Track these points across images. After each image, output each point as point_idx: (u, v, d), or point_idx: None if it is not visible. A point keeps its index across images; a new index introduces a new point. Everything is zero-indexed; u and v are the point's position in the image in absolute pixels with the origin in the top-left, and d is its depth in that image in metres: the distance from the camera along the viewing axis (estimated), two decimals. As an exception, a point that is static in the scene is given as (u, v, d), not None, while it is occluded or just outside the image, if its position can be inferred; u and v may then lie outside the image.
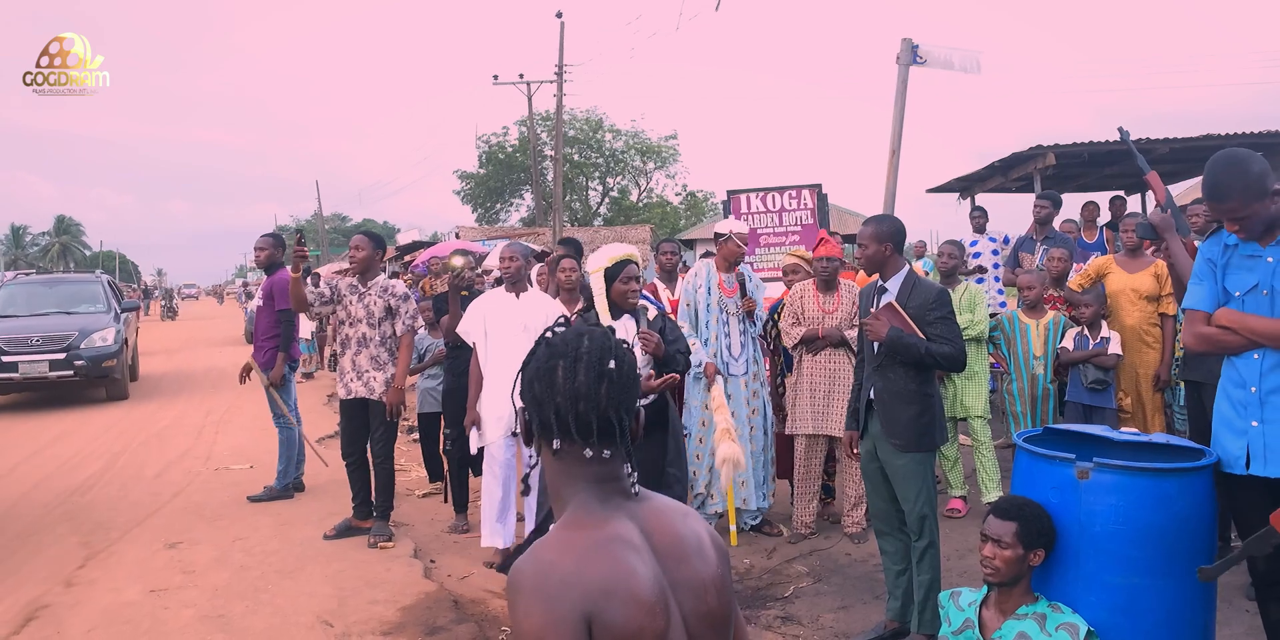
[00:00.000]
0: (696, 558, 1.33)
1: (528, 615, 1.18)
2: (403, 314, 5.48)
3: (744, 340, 5.28)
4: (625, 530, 1.29)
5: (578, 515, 1.30)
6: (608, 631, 1.18)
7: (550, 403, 1.31)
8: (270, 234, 6.81)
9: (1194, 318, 2.95)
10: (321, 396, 11.56)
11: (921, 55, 9.60)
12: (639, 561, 1.25)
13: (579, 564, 1.21)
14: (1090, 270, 5.47)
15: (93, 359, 11.29)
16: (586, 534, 1.26)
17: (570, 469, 1.33)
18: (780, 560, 4.89)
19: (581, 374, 1.32)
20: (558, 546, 1.25)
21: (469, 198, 37.85)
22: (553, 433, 1.32)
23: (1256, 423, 2.80)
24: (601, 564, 1.22)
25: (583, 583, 1.19)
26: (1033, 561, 2.82)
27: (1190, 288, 3.01)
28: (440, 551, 5.26)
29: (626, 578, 1.22)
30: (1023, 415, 5.35)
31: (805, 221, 9.23)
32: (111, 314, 12.48)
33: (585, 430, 1.31)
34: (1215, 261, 2.93)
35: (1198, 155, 11.72)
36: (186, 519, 6.00)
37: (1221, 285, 2.91)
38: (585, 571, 1.20)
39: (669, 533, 1.34)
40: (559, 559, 1.22)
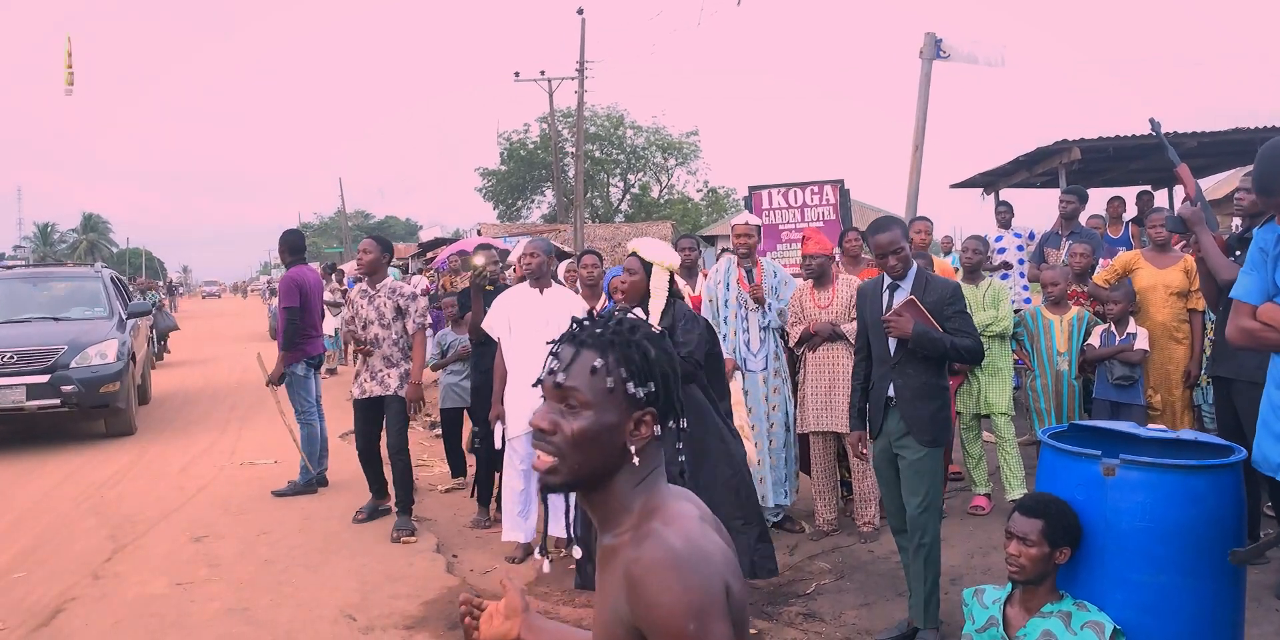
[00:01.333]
0: (719, 532, 1.39)
1: (686, 591, 1.20)
2: (413, 313, 5.60)
3: (763, 336, 5.26)
4: (700, 508, 1.36)
5: (658, 498, 1.34)
6: (734, 601, 1.25)
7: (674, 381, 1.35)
8: (290, 231, 6.86)
9: (1240, 310, 2.78)
10: (346, 391, 11.60)
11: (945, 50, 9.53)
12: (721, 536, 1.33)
13: (706, 539, 1.27)
14: (1117, 265, 5.40)
15: (87, 382, 8.35)
16: (686, 514, 1.31)
17: (653, 451, 1.37)
18: (802, 557, 4.87)
19: (671, 357, 1.37)
20: (678, 525, 1.27)
21: (490, 194, 37.96)
22: (678, 412, 1.36)
23: None
24: (715, 539, 1.29)
25: (715, 557, 1.25)
26: (1058, 559, 2.80)
27: (1240, 277, 2.85)
28: (463, 546, 5.28)
29: (729, 552, 1.29)
30: (1047, 412, 5.30)
31: (827, 217, 9.17)
32: (114, 321, 9.53)
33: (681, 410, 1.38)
34: (1268, 251, 2.75)
35: (1227, 149, 11.56)
36: (212, 513, 6.06)
37: (1272, 277, 2.74)
38: (712, 546, 1.27)
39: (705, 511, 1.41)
40: (689, 535, 1.26)
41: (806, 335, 5.08)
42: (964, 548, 4.76)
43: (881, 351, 3.84)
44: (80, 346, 8.63)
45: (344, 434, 8.28)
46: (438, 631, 4.07)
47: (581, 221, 24.24)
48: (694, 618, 1.18)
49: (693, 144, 36.99)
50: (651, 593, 1.20)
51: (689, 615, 1.18)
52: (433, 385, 8.08)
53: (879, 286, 3.88)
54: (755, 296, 5.20)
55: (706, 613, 1.18)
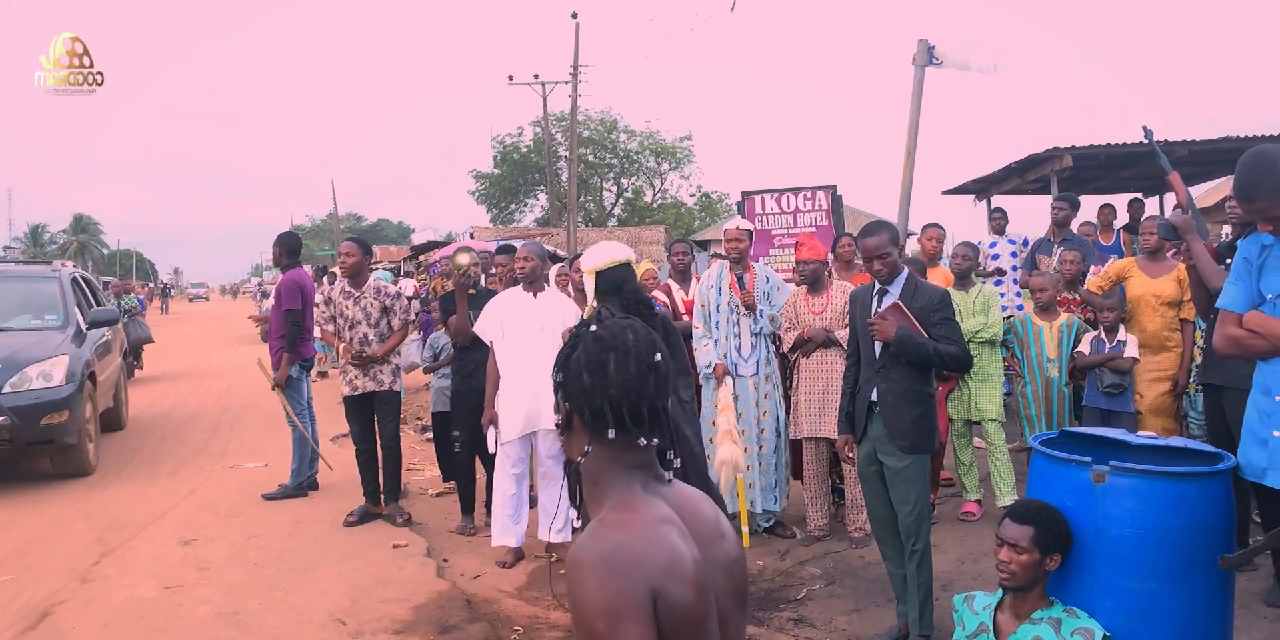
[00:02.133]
0: (723, 539, 1.41)
1: (600, 591, 1.20)
2: (398, 310, 5.88)
3: (754, 341, 5.26)
4: (669, 513, 1.34)
5: (625, 499, 1.35)
6: (669, 608, 1.22)
7: (604, 394, 1.36)
8: (287, 233, 6.88)
9: (1226, 318, 2.86)
10: (336, 395, 11.56)
11: (938, 57, 9.56)
12: (684, 543, 1.30)
13: (643, 543, 1.26)
14: (1110, 273, 5.41)
15: (23, 411, 6.62)
16: (640, 515, 1.31)
17: (615, 456, 1.38)
18: (793, 562, 4.87)
19: (633, 366, 1.37)
20: (619, 526, 1.29)
21: (484, 198, 37.95)
22: (607, 423, 1.37)
23: (1278, 433, 2.73)
24: (661, 544, 1.27)
25: (648, 561, 1.23)
26: (1049, 566, 2.80)
27: (1225, 287, 2.91)
28: (453, 551, 5.27)
29: (681, 557, 1.27)
30: (1037, 418, 5.31)
31: (820, 223, 9.19)
32: (69, 332, 7.75)
33: (638, 420, 1.37)
34: (1252, 261, 2.82)
35: (1218, 157, 11.63)
36: (202, 516, 6.04)
37: (1256, 286, 2.80)
38: (649, 550, 1.25)
39: (698, 515, 1.40)
40: (624, 538, 1.26)
41: (801, 341, 5.08)
42: (955, 554, 4.77)
43: (868, 355, 3.86)
44: (17, 365, 6.85)
45: (335, 437, 8.27)
46: (428, 636, 4.06)
47: (574, 225, 24.24)
48: (604, 617, 1.18)
49: (686, 149, 37.06)
50: (571, 587, 1.24)
51: (598, 614, 1.19)
52: (424, 389, 8.07)
53: (870, 291, 3.90)
54: (746, 302, 5.20)
55: (618, 615, 1.18)
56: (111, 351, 9.00)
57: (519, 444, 4.90)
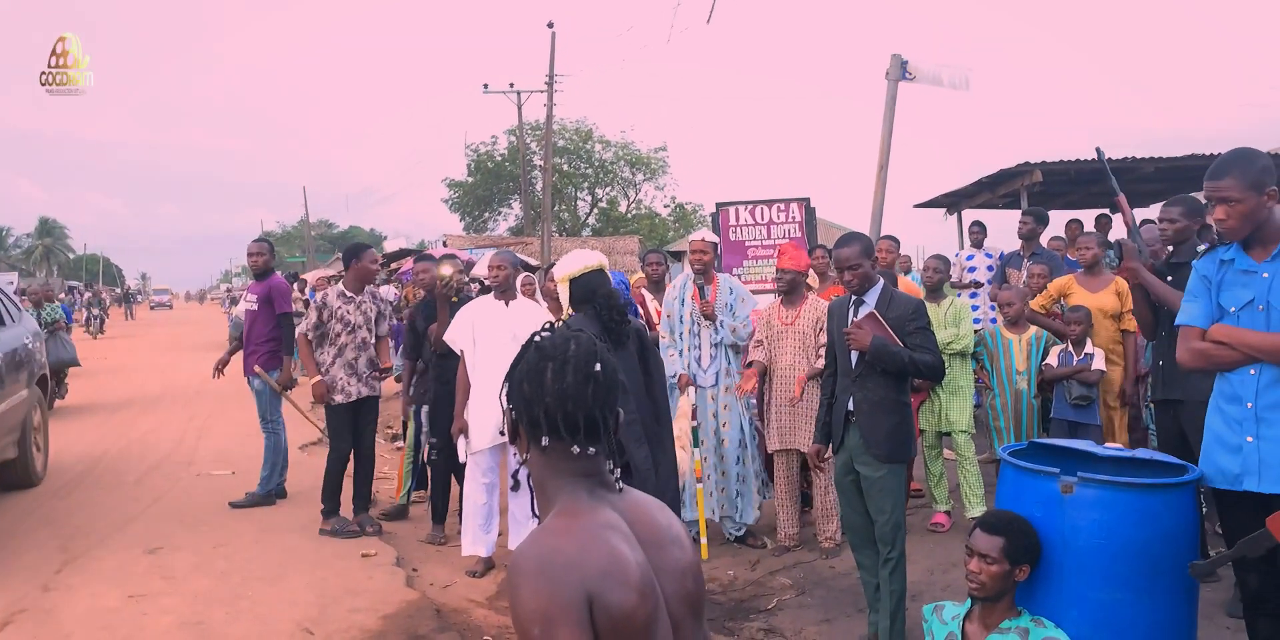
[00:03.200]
0: (675, 545, 1.43)
1: (534, 596, 1.23)
2: (388, 315, 6.01)
3: (714, 351, 5.27)
4: (613, 519, 1.36)
5: (569, 505, 1.37)
6: (606, 612, 1.24)
7: (540, 402, 1.38)
8: (263, 239, 6.84)
9: (1188, 333, 2.94)
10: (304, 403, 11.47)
11: (911, 71, 9.67)
12: (628, 548, 1.32)
13: (580, 548, 1.28)
14: (1052, 290, 5.53)
15: None
16: (581, 521, 1.33)
17: (557, 465, 1.40)
18: (764, 572, 4.88)
19: (570, 376, 1.39)
20: (558, 532, 1.31)
21: (457, 206, 37.83)
22: (541, 431, 1.39)
23: (1252, 439, 2.78)
24: (599, 548, 1.28)
25: (584, 565, 1.25)
26: (1018, 577, 2.83)
27: (1184, 305, 2.99)
28: (423, 560, 5.23)
29: (621, 562, 1.28)
30: (1006, 430, 5.36)
31: (793, 235, 9.26)
32: None
33: (573, 428, 1.38)
34: (1210, 278, 2.92)
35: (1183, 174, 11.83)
36: (167, 524, 5.95)
37: (1216, 302, 2.89)
38: (586, 555, 1.27)
39: (649, 522, 1.42)
40: (561, 543, 1.28)
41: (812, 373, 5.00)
42: (924, 564, 4.79)
43: (844, 365, 3.89)
44: None
45: (304, 445, 8.20)
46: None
47: (548, 235, 24.22)
48: (538, 622, 1.21)
49: (661, 159, 37.15)
50: (509, 591, 1.27)
51: (533, 619, 1.21)
52: (394, 397, 8.02)
53: (847, 302, 3.94)
54: (705, 313, 5.22)
55: (552, 620, 1.20)
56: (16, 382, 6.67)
57: (489, 453, 4.88)
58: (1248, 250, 2.86)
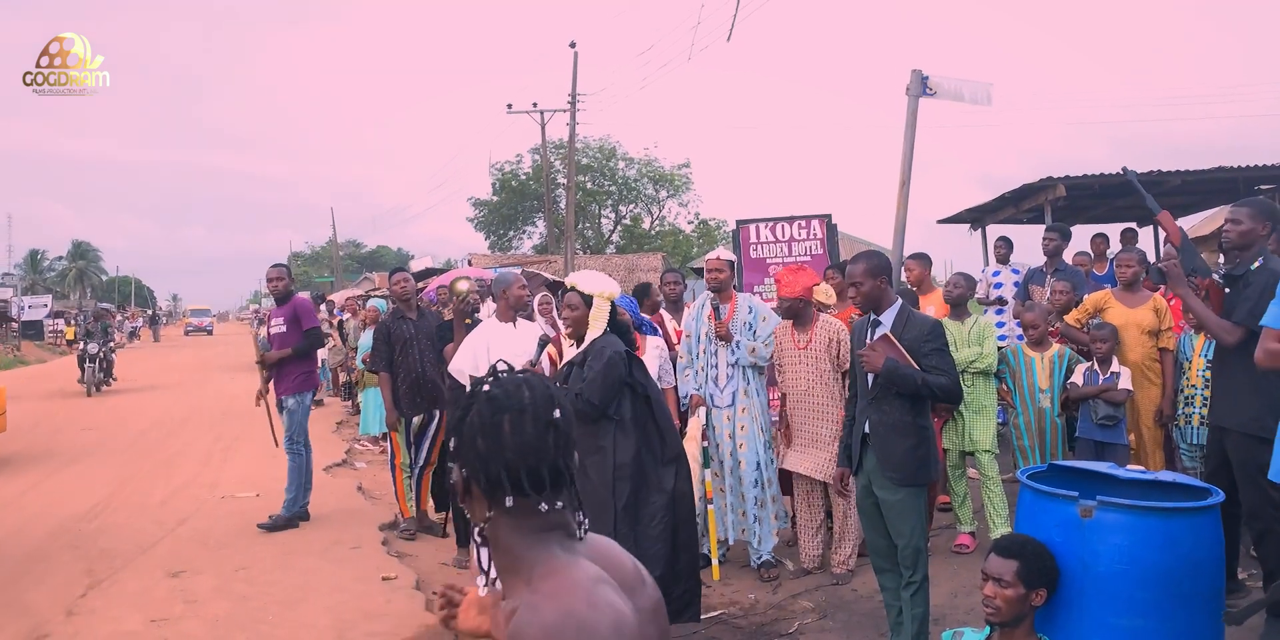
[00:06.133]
0: (643, 586, 1.38)
1: None
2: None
3: (731, 372, 5.20)
4: (596, 571, 1.30)
5: (549, 565, 1.29)
6: None
7: (499, 459, 1.28)
8: (280, 264, 6.89)
9: (1269, 335, 3.05)
10: (330, 424, 11.56)
11: (931, 87, 9.59)
12: (620, 599, 1.27)
13: (586, 608, 1.21)
14: (1088, 305, 5.42)
15: None
16: (574, 579, 1.26)
17: (521, 523, 1.31)
18: (785, 595, 4.83)
19: (530, 426, 1.29)
20: (557, 595, 1.23)
21: (482, 225, 38.06)
22: (505, 490, 1.29)
23: None
24: (602, 605, 1.23)
25: (597, 626, 1.19)
26: (1035, 601, 2.78)
27: (1271, 306, 3.08)
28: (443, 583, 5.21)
29: (623, 617, 1.24)
30: (1030, 449, 5.28)
31: (815, 252, 9.22)
32: None
33: (539, 484, 1.29)
34: None
35: (1210, 187, 11.68)
36: (190, 547, 5.99)
37: None
38: (594, 617, 1.21)
39: (618, 567, 1.37)
40: (566, 606, 1.21)
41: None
42: (947, 587, 4.72)
43: (862, 387, 3.86)
44: None
45: (328, 467, 8.24)
46: (414, 671, 4.01)
47: (571, 252, 24.30)
48: None
49: (684, 176, 37.21)
50: None
51: None
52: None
53: (866, 322, 3.91)
54: (719, 333, 5.18)
55: None
56: None
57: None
58: None
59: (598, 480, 3.86)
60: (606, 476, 3.88)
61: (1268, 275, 3.61)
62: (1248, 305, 3.63)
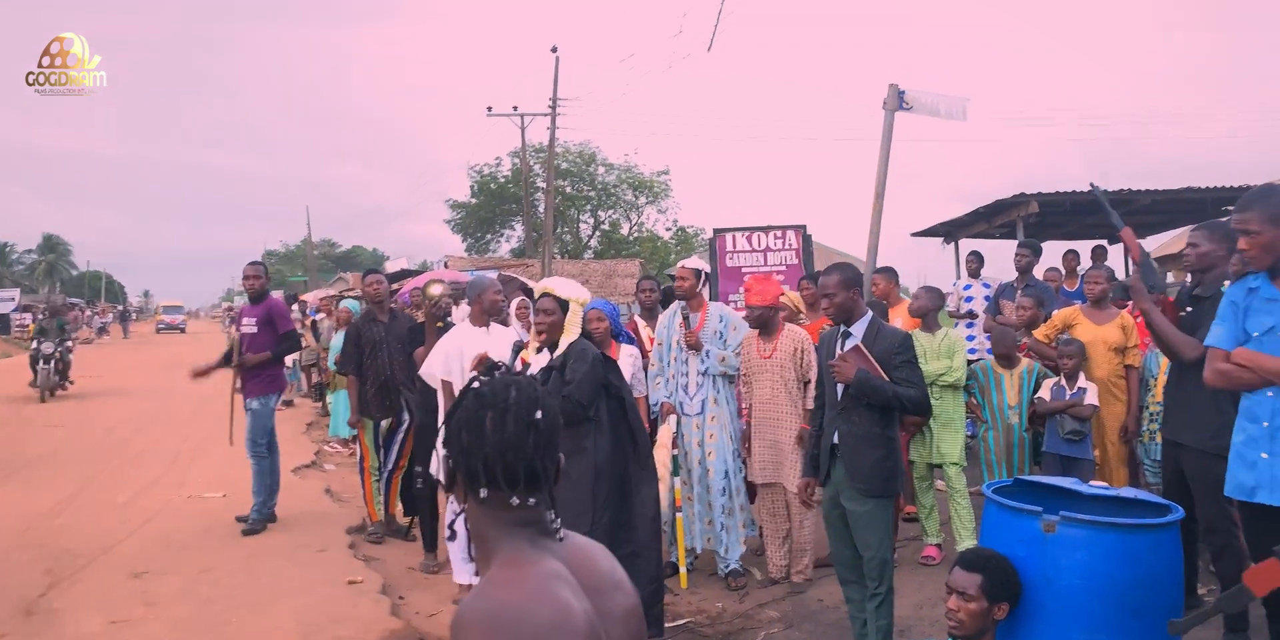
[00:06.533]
0: (617, 591, 1.42)
1: None
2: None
3: (701, 380, 5.23)
4: (557, 568, 1.34)
5: (511, 556, 1.34)
6: None
7: (479, 453, 1.35)
8: (259, 262, 6.83)
9: (1214, 355, 3.14)
10: (300, 425, 11.47)
11: (908, 101, 9.71)
12: (574, 597, 1.30)
13: (526, 602, 1.25)
14: (1056, 321, 5.51)
15: None
16: (526, 572, 1.31)
17: (496, 515, 1.37)
18: (752, 604, 4.85)
19: (510, 425, 1.36)
20: (504, 584, 1.29)
21: (459, 227, 37.91)
22: (480, 482, 1.36)
23: (1266, 455, 2.96)
24: (547, 600, 1.26)
25: (531, 619, 1.23)
26: (997, 615, 2.81)
27: (1213, 327, 3.18)
28: (410, 588, 5.20)
29: (569, 613, 1.26)
30: (997, 464, 5.34)
31: (790, 262, 9.30)
32: None
33: (513, 480, 1.35)
34: (1238, 303, 3.11)
35: (1178, 207, 11.89)
36: (154, 548, 5.92)
37: (1242, 326, 3.08)
38: (533, 609, 1.24)
39: (592, 569, 1.41)
40: (509, 596, 1.26)
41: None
42: (913, 599, 4.76)
43: (831, 398, 3.90)
44: None
45: (296, 468, 8.18)
46: (379, 676, 3.99)
47: (549, 257, 24.28)
48: None
49: (664, 183, 37.25)
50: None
51: None
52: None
53: (836, 333, 3.94)
54: (690, 342, 5.20)
55: None
56: None
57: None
58: (1273, 279, 3.05)
59: (578, 480, 3.90)
60: (587, 477, 3.92)
61: None
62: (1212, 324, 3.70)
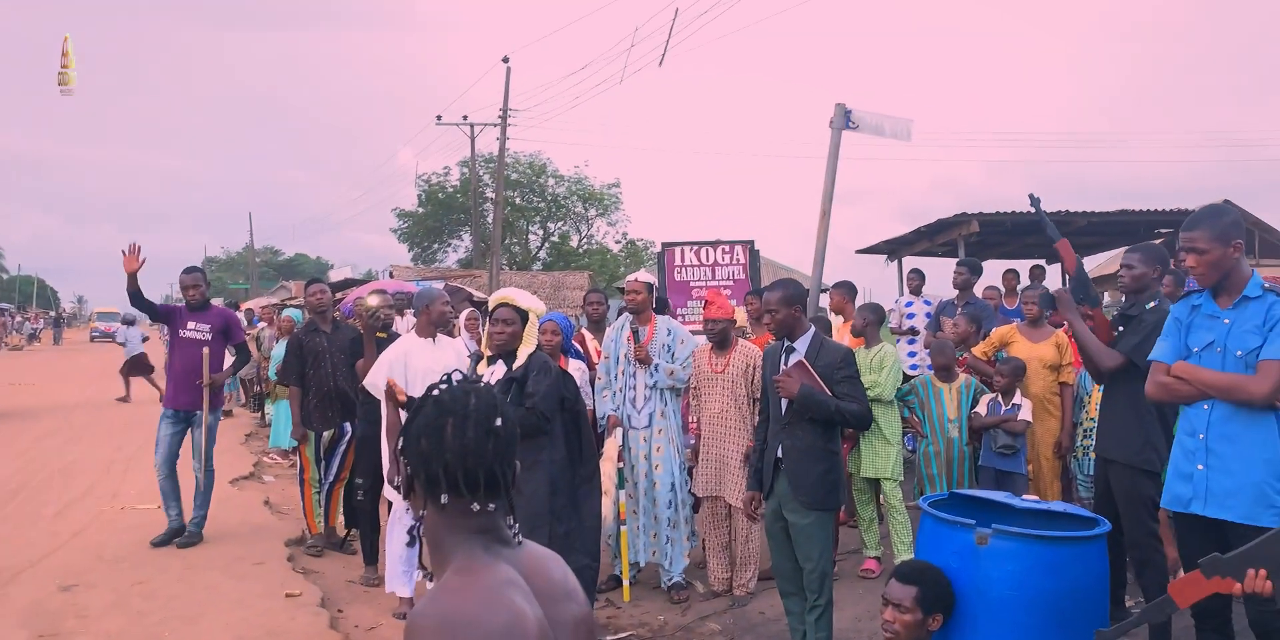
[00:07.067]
0: (569, 599, 1.44)
1: None
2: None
3: (649, 393, 5.27)
4: (511, 575, 1.36)
5: (466, 562, 1.36)
6: None
7: (439, 459, 1.37)
8: (196, 268, 6.65)
9: (1157, 368, 3.24)
10: (239, 435, 11.26)
11: (854, 121, 9.88)
12: (527, 604, 1.32)
13: (479, 607, 1.27)
14: (994, 339, 5.66)
15: None
16: (480, 578, 1.32)
17: (455, 521, 1.39)
18: (694, 617, 4.88)
19: (470, 431, 1.38)
20: (456, 591, 1.30)
21: (406, 236, 37.62)
22: (441, 488, 1.37)
23: (1202, 467, 3.06)
24: (498, 606, 1.28)
25: (484, 625, 1.24)
26: (931, 626, 2.88)
27: (1158, 342, 3.30)
28: (349, 601, 5.14)
29: (521, 619, 1.28)
30: (938, 478, 5.44)
31: (737, 276, 9.40)
32: None
33: (473, 485, 1.37)
34: (1182, 320, 3.23)
35: (1114, 229, 12.25)
36: (85, 560, 5.76)
37: (1185, 341, 3.19)
38: (486, 614, 1.26)
39: (545, 576, 1.43)
40: (460, 603, 1.27)
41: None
42: (853, 612, 4.83)
43: (775, 412, 3.95)
44: None
45: (234, 480, 8.04)
46: (315, 691, 3.94)
47: (497, 268, 24.18)
48: None
49: (614, 195, 37.40)
50: None
51: None
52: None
53: (779, 349, 4.01)
54: (639, 356, 5.24)
55: None
56: None
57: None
58: (1215, 297, 3.15)
59: (533, 493, 3.92)
60: (543, 490, 3.94)
61: (1160, 314, 3.85)
62: (1135, 339, 3.88)
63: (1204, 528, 3.06)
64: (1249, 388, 2.94)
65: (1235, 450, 3.00)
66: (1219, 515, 3.01)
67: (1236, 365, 3.01)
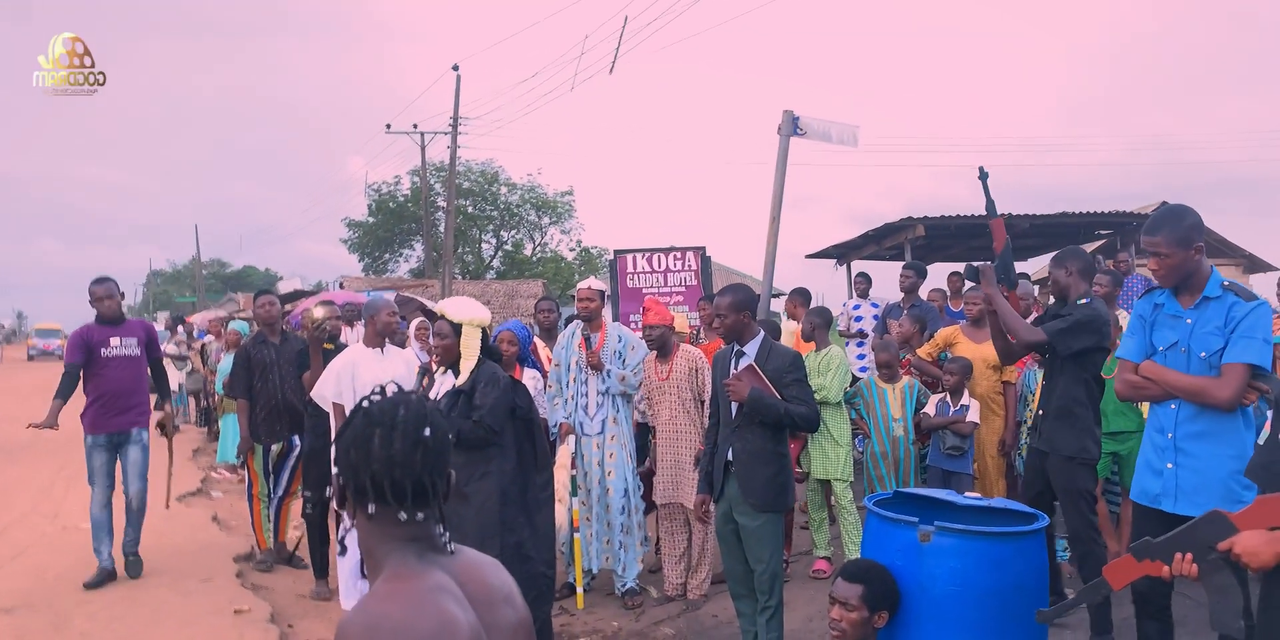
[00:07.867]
0: (506, 604, 1.45)
1: None
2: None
3: (600, 400, 5.28)
4: (443, 580, 1.37)
5: (398, 570, 1.37)
6: None
7: (366, 469, 1.38)
8: (108, 278, 5.95)
9: (1124, 367, 3.30)
10: (186, 451, 11.05)
11: (802, 127, 9.98)
12: (459, 609, 1.33)
13: (407, 613, 1.28)
14: (939, 339, 5.76)
15: None
16: (410, 585, 1.34)
17: (385, 530, 1.41)
18: (648, 623, 4.89)
19: (398, 442, 1.39)
20: (385, 597, 1.31)
21: (356, 247, 37.19)
22: (368, 497, 1.39)
23: (1171, 465, 3.12)
24: (428, 612, 1.29)
25: (413, 631, 1.26)
26: (877, 623, 2.92)
27: (1124, 340, 3.35)
28: (300, 616, 5.08)
29: (451, 624, 1.29)
30: (885, 478, 5.52)
31: (689, 283, 9.47)
32: None
33: (400, 495, 1.39)
34: (1145, 318, 3.28)
35: (1055, 231, 12.51)
36: (26, 582, 5.63)
37: (1150, 340, 3.24)
38: (414, 619, 1.27)
39: (480, 582, 1.44)
40: (388, 609, 1.28)
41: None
42: (803, 612, 4.87)
43: (725, 416, 3.99)
44: None
45: (182, 496, 7.90)
46: (265, 708, 3.88)
47: (450, 277, 24.04)
48: None
49: (567, 203, 37.31)
50: None
51: None
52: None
53: (729, 353, 4.05)
54: (591, 362, 5.26)
55: None
56: None
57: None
58: (1177, 297, 3.20)
59: (484, 504, 3.84)
60: (493, 501, 3.87)
61: (1088, 310, 4.00)
62: (1061, 325, 4.00)
63: (1167, 522, 3.03)
64: (1213, 392, 2.99)
65: (1203, 448, 3.05)
66: (1188, 512, 2.99)
67: (1200, 366, 3.06)
